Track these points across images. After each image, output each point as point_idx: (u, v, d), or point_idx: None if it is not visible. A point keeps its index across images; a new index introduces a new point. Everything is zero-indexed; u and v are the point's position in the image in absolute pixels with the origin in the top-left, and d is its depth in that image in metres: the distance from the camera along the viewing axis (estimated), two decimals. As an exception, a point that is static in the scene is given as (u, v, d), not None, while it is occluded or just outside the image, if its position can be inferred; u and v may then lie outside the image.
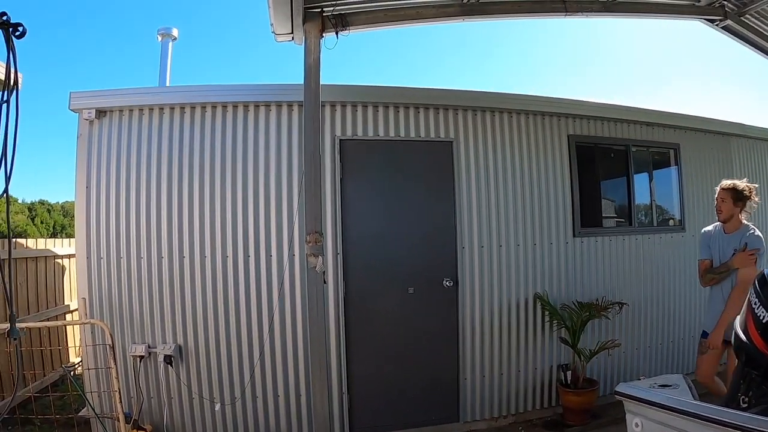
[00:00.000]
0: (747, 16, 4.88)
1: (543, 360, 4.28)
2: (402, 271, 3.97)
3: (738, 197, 3.20)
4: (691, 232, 5.00)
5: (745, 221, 3.27)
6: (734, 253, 3.19)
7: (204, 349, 3.69)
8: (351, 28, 3.63)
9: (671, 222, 5.10)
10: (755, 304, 1.68)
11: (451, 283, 4.00)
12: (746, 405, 1.63)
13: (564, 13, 4.08)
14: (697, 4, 4.71)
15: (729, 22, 4.81)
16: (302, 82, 3.37)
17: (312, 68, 3.44)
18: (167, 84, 4.84)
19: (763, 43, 5.09)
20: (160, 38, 5.09)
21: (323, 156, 3.82)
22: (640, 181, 4.90)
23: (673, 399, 1.74)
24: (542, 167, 4.33)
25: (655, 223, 5.04)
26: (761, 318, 1.63)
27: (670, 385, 2.25)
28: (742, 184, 3.25)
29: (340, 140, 3.91)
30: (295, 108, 3.83)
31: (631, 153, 4.77)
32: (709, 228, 3.44)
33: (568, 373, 4.15)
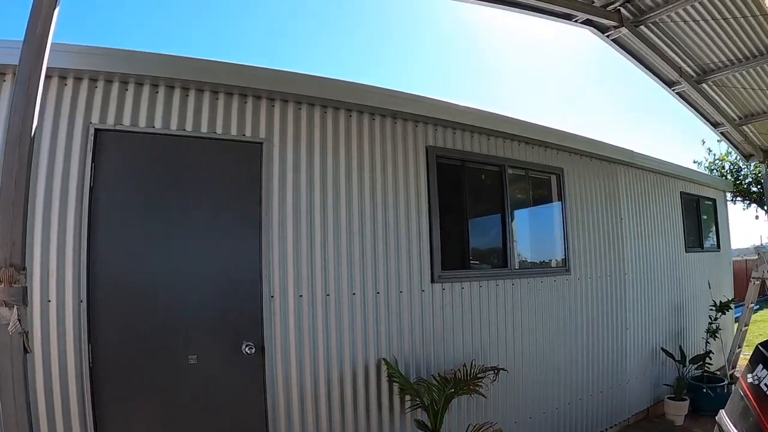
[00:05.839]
0: (642, 27, 4.28)
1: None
2: (180, 332, 2.67)
3: None
4: (576, 275, 4.20)
5: None
6: None
7: None
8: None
9: (553, 263, 4.22)
10: None
11: (254, 349, 2.75)
12: None
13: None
14: (593, 4, 4.03)
15: (624, 31, 4.18)
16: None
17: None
18: None
19: (655, 60, 4.52)
20: None
21: (70, 151, 2.55)
22: (518, 211, 4.02)
23: None
24: (390, 189, 3.24)
25: (535, 264, 4.16)
26: None
27: None
28: None
29: (97, 130, 2.61)
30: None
31: (506, 175, 3.84)
32: None
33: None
